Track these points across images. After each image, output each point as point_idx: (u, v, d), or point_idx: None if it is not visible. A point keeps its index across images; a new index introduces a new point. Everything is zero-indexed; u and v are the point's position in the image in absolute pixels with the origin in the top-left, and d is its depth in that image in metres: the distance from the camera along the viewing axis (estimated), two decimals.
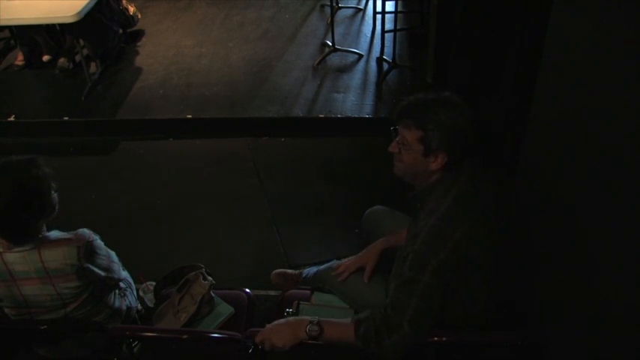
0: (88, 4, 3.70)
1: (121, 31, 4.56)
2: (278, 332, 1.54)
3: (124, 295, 2.06)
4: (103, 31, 4.21)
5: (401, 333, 1.46)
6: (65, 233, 1.77)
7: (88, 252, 1.75)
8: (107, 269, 1.85)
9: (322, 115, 3.78)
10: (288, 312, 1.86)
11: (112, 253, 1.95)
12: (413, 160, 1.57)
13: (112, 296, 1.97)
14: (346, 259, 1.97)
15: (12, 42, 4.70)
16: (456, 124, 1.51)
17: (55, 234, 1.76)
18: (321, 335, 1.52)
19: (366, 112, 3.80)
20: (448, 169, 1.56)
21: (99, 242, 1.83)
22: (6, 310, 1.81)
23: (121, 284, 2.07)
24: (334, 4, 4.77)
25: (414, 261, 1.47)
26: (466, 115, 1.53)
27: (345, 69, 4.27)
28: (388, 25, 4.27)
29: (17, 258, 1.68)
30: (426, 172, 1.58)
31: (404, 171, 1.64)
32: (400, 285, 1.49)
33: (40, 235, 1.72)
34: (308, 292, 2.04)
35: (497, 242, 1.59)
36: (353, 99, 3.92)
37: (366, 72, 4.24)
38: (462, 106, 1.54)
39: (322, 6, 5.21)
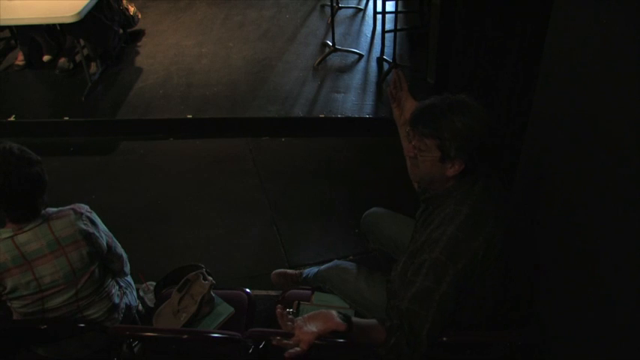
0: (88, 4, 3.70)
1: (121, 31, 4.56)
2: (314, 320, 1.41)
3: (124, 294, 2.07)
4: (104, 31, 4.21)
5: (422, 349, 1.44)
6: (63, 207, 1.85)
7: (90, 219, 1.86)
8: (109, 245, 1.92)
9: (322, 115, 3.79)
10: (288, 312, 1.86)
11: (119, 245, 2.00)
12: (430, 165, 1.54)
13: (113, 290, 1.99)
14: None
15: (12, 42, 4.71)
16: (472, 131, 1.47)
17: (53, 209, 1.83)
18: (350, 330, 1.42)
19: (367, 112, 3.80)
20: (465, 174, 1.54)
21: (97, 217, 1.91)
22: (15, 303, 1.82)
23: (121, 283, 2.08)
24: (334, 4, 4.77)
25: (430, 269, 1.45)
26: (482, 119, 1.49)
27: (346, 69, 4.27)
28: (388, 25, 4.27)
29: (30, 236, 1.73)
30: (442, 177, 1.55)
31: (420, 176, 1.62)
32: (417, 296, 1.46)
33: (44, 210, 1.79)
34: (308, 292, 2.04)
35: (508, 245, 1.59)
36: (353, 99, 3.93)
37: (366, 72, 4.24)
38: (477, 111, 1.50)
39: (322, 6, 5.21)
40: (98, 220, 1.91)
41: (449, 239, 1.46)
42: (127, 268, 2.10)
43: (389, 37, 4.23)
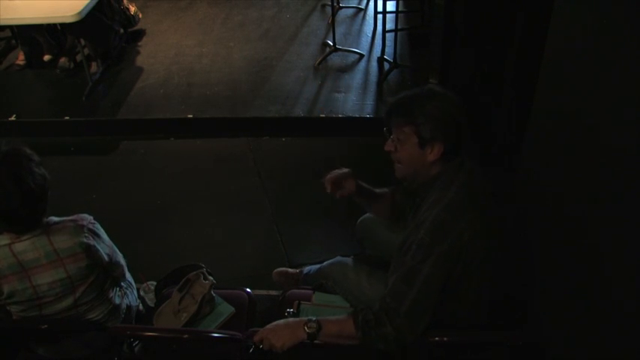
0: (88, 3, 3.70)
1: (122, 30, 4.56)
2: (277, 332, 1.55)
3: (125, 294, 2.07)
4: (104, 31, 4.21)
5: (396, 324, 1.46)
6: (66, 217, 1.81)
7: (92, 231, 1.82)
8: (110, 256, 1.89)
9: (323, 115, 3.78)
10: (288, 312, 1.86)
11: (120, 254, 1.99)
12: (410, 154, 1.58)
13: (113, 293, 1.98)
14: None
15: (13, 42, 4.71)
16: (444, 112, 1.53)
17: (55, 218, 1.80)
18: (320, 332, 1.52)
19: (367, 111, 3.80)
20: (447, 159, 1.56)
21: (100, 227, 1.88)
22: (13, 308, 1.81)
23: (122, 283, 2.08)
24: (335, 4, 4.77)
25: (416, 250, 1.48)
26: (452, 101, 1.55)
27: (346, 69, 4.27)
28: (389, 25, 4.27)
29: (27, 245, 1.71)
30: (424, 165, 1.58)
31: (404, 170, 1.64)
32: (402, 275, 1.50)
33: (45, 220, 1.75)
34: (309, 292, 2.04)
35: (497, 239, 1.59)
36: (354, 99, 3.92)
37: (367, 72, 4.24)
38: (446, 95, 1.56)
39: (323, 6, 5.21)
40: (101, 231, 1.87)
41: (433, 220, 1.48)
42: (127, 274, 2.09)
43: (390, 36, 4.23)
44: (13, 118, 3.89)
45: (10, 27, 4.46)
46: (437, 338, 1.53)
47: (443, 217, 1.48)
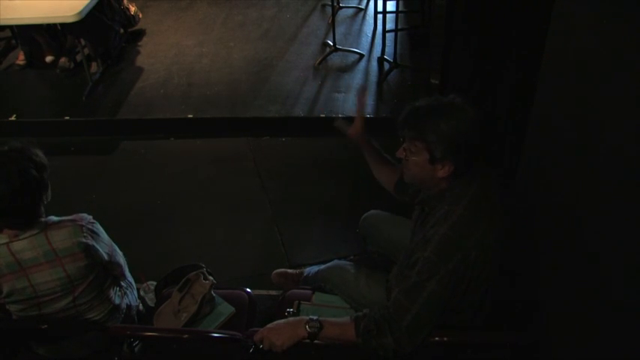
0: (88, 3, 3.70)
1: (122, 30, 4.57)
2: (277, 330, 1.55)
3: (125, 294, 2.07)
4: (104, 31, 4.21)
5: (396, 336, 1.46)
6: (65, 217, 1.82)
7: (91, 230, 1.82)
8: (110, 254, 1.89)
9: (323, 115, 3.79)
10: (288, 312, 1.86)
11: (120, 252, 1.99)
12: (420, 167, 1.55)
13: (113, 292, 1.98)
14: None
15: (13, 41, 4.71)
16: (458, 132, 1.48)
17: (55, 218, 1.80)
18: (321, 332, 1.52)
19: (367, 112, 3.80)
20: (456, 176, 1.54)
21: (99, 227, 1.88)
22: (12, 307, 1.82)
23: (122, 283, 2.08)
24: (335, 4, 4.77)
25: (422, 267, 1.47)
26: (469, 119, 1.49)
27: (346, 69, 4.27)
28: (389, 25, 4.27)
29: (25, 244, 1.71)
30: (433, 178, 1.55)
31: (412, 177, 1.62)
32: (406, 289, 1.49)
33: (43, 219, 1.76)
34: (309, 292, 2.04)
35: (503, 248, 1.59)
36: (354, 99, 3.92)
37: (367, 72, 4.24)
38: (464, 111, 1.50)
39: (323, 6, 5.21)
40: (100, 230, 1.88)
41: (440, 239, 1.47)
42: (128, 274, 2.09)
43: (390, 36, 4.23)
44: (13, 118, 3.89)
45: (10, 27, 4.45)
46: (437, 338, 1.53)
47: (450, 235, 1.47)
